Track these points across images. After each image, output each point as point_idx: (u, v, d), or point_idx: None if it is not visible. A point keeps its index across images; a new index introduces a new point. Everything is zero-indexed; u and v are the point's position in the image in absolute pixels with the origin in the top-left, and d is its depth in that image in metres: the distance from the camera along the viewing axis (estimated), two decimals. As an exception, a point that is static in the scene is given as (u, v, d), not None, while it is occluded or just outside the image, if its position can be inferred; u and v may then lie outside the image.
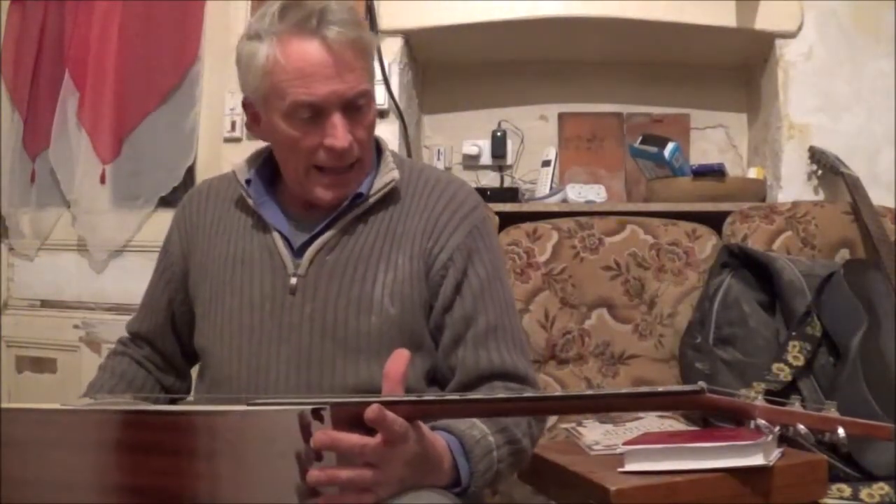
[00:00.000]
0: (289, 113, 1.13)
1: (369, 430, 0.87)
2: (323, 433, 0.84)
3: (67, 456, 0.90)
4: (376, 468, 0.88)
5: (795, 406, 0.83)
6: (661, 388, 0.86)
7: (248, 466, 0.86)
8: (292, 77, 1.11)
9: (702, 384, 0.83)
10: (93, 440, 0.90)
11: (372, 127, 1.19)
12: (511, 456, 1.08)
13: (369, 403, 0.86)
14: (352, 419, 0.86)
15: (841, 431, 0.80)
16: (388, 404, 0.87)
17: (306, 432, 0.84)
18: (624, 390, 0.90)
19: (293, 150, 1.16)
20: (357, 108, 1.15)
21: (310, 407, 0.85)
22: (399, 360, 0.93)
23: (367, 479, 0.87)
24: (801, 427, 0.82)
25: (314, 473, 0.84)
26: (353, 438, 0.86)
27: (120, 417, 0.90)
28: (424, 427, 0.94)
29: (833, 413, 0.81)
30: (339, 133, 1.12)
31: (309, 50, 1.10)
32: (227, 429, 0.86)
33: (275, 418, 0.86)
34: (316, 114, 1.12)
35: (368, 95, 1.16)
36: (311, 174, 1.17)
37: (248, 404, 0.90)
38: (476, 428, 1.04)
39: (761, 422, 0.85)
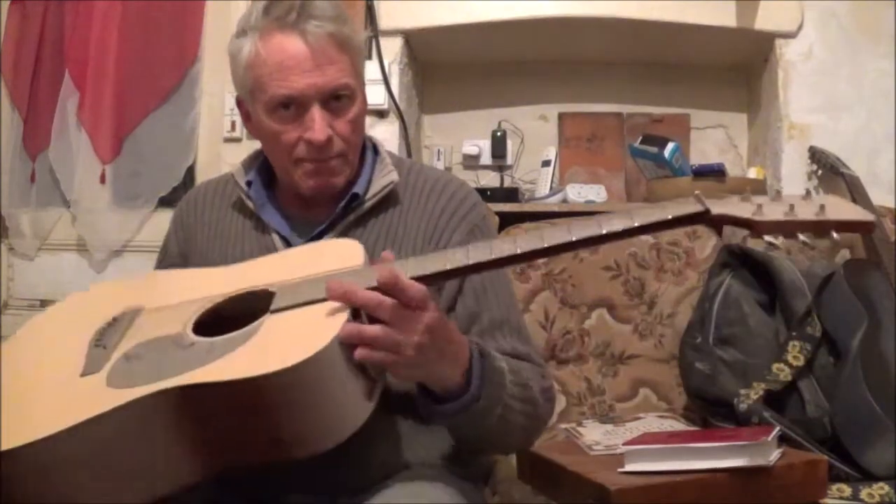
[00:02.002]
0: (270, 107, 1.14)
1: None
2: (338, 283, 0.90)
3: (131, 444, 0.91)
4: (396, 327, 0.91)
5: (794, 214, 0.88)
6: (670, 216, 0.91)
7: (320, 403, 0.89)
8: (272, 70, 1.12)
9: (697, 193, 0.90)
10: (153, 423, 0.90)
11: (356, 122, 1.18)
12: (523, 402, 1.08)
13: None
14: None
15: (835, 235, 0.87)
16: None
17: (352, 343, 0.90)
18: (637, 223, 0.91)
19: (276, 144, 1.16)
20: (338, 102, 1.14)
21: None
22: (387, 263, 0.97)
23: (391, 336, 0.91)
24: (801, 238, 0.87)
25: (346, 327, 0.90)
26: (370, 294, 0.90)
27: (173, 395, 0.89)
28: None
29: (825, 213, 0.86)
30: (316, 126, 1.12)
31: (288, 44, 1.11)
32: (287, 383, 0.87)
33: (324, 352, 0.87)
34: (296, 107, 1.13)
35: (351, 90, 1.15)
36: (295, 166, 1.17)
37: (271, 311, 0.95)
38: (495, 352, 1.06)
39: (768, 238, 0.89)
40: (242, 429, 0.90)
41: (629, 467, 1.27)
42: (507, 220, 1.97)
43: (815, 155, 2.12)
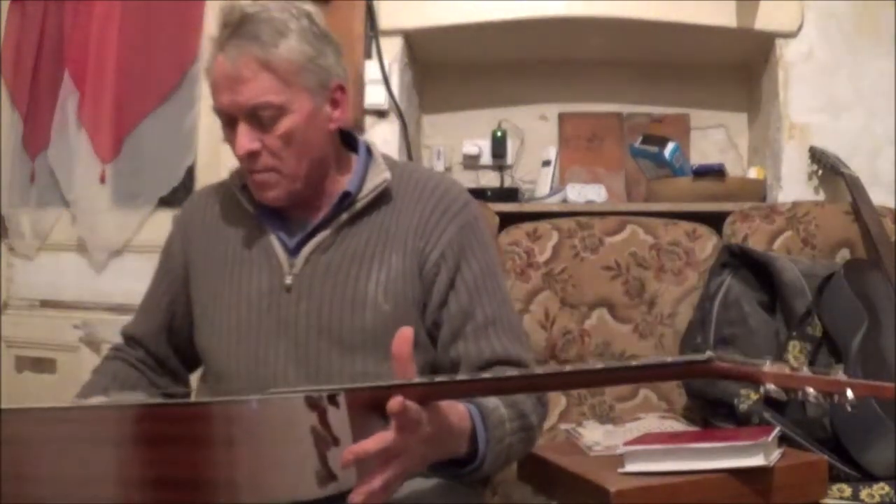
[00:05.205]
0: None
1: (382, 413, 0.86)
2: (348, 451, 0.83)
3: (83, 451, 0.90)
4: (398, 458, 0.86)
5: (803, 371, 0.83)
6: (669, 359, 0.86)
7: (266, 453, 0.85)
8: (210, 84, 1.19)
9: (710, 353, 0.83)
10: (109, 434, 0.89)
11: (289, 137, 1.16)
12: (522, 431, 1.09)
13: (381, 388, 0.86)
14: (365, 403, 0.87)
15: (849, 393, 0.80)
16: (402, 388, 0.86)
17: (322, 417, 0.84)
18: (633, 363, 0.88)
19: None
20: (262, 118, 1.15)
21: (325, 391, 0.85)
22: (404, 340, 0.90)
23: (398, 472, 0.86)
24: (810, 391, 0.82)
25: (349, 460, 0.83)
26: (371, 446, 0.84)
27: (136, 411, 0.90)
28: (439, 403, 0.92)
29: (840, 376, 0.81)
30: (237, 140, 1.17)
31: (217, 61, 1.17)
32: (244, 417, 0.85)
33: (292, 405, 0.85)
34: (229, 120, 1.18)
35: (274, 108, 1.15)
36: (244, 173, 1.22)
37: (263, 394, 0.91)
38: (489, 399, 1.04)
39: (771, 387, 0.85)
40: (180, 461, 0.88)
41: (629, 468, 1.27)
42: (507, 220, 1.97)
43: (816, 155, 2.12)
